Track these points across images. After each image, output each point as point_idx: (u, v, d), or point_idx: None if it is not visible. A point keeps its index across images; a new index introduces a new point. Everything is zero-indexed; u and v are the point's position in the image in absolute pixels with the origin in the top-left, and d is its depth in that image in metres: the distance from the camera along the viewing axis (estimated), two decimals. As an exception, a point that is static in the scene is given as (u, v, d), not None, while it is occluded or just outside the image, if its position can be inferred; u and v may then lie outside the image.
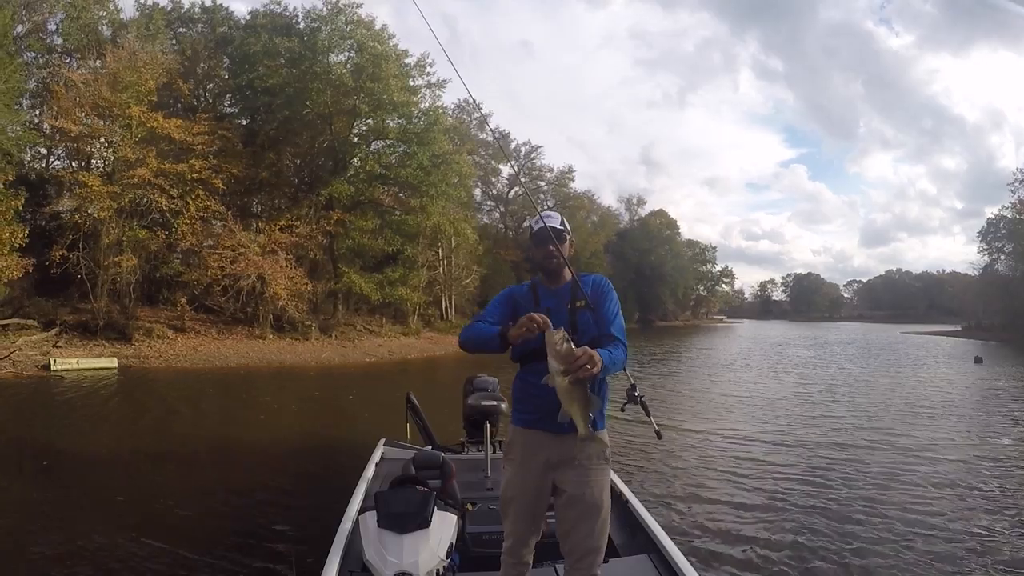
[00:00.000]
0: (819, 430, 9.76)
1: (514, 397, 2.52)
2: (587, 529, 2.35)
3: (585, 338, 2.28)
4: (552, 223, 2.45)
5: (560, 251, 2.44)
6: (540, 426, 2.35)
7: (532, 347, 2.28)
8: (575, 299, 2.43)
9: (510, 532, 2.48)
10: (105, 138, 20.37)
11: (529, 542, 2.48)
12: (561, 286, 2.49)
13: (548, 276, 2.51)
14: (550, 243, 2.43)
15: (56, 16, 20.60)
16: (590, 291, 2.45)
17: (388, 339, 25.77)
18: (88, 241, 18.96)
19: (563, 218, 2.54)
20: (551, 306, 2.37)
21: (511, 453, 2.49)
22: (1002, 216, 49.62)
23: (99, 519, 5.23)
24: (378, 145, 26.99)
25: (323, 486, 5.81)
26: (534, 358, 2.30)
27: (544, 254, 2.46)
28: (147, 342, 18.76)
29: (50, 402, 11.86)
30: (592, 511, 2.35)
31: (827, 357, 26.65)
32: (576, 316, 2.40)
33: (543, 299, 2.45)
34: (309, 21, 24.95)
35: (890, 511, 5.77)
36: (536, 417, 2.36)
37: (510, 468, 2.48)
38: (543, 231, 2.43)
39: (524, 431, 2.44)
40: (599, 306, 2.42)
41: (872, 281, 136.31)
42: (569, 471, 2.36)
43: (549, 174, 48.48)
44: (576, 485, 2.35)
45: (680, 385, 16.27)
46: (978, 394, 15.11)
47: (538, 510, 2.44)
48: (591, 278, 2.51)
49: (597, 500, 2.36)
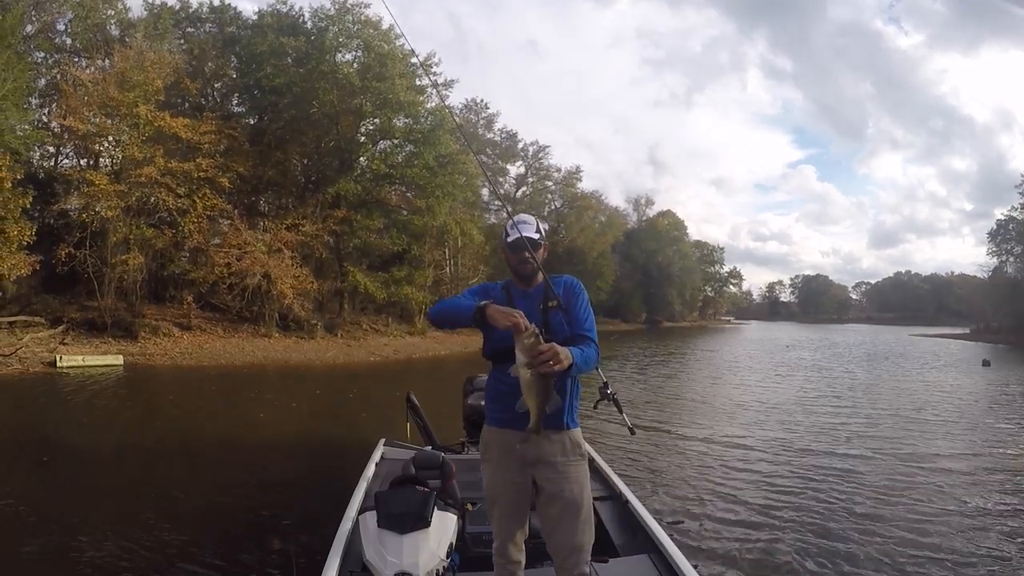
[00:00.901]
0: (821, 435, 9.67)
1: (487, 396, 2.56)
2: (569, 526, 2.38)
3: (557, 337, 2.32)
4: (527, 231, 2.48)
5: (535, 258, 2.48)
6: (513, 425, 2.36)
7: (506, 346, 2.31)
8: (547, 300, 2.48)
9: (497, 531, 2.50)
10: (113, 137, 20.48)
11: (517, 540, 2.49)
12: (533, 287, 2.54)
13: (521, 279, 2.56)
14: (525, 251, 2.47)
15: (65, 16, 20.75)
16: (562, 292, 2.49)
17: (393, 338, 25.76)
18: (95, 239, 19.02)
19: (538, 223, 2.58)
20: (523, 307, 2.37)
21: (487, 453, 2.52)
22: (1011, 218, 49.34)
23: (99, 516, 5.23)
24: (385, 145, 27.06)
25: (323, 486, 5.80)
26: (507, 358, 2.31)
27: (519, 259, 2.51)
28: (153, 340, 18.84)
29: (55, 399, 11.90)
30: (572, 508, 2.38)
31: (833, 360, 26.50)
32: (548, 316, 2.45)
33: (516, 300, 2.49)
34: (316, 21, 25.07)
35: (890, 515, 5.73)
36: (509, 416, 2.35)
37: (488, 468, 2.51)
38: (519, 241, 2.47)
39: (498, 431, 2.48)
40: (571, 307, 2.48)
41: (881, 283, 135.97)
42: (545, 469, 2.39)
43: (557, 174, 48.47)
44: (554, 483, 2.38)
45: (682, 388, 16.21)
46: (985, 399, 14.95)
47: (521, 507, 2.47)
48: (563, 280, 2.55)
49: (576, 497, 2.39)
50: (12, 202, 16.11)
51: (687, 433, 9.51)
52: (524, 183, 46.65)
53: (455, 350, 25.25)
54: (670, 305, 66.58)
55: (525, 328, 2.16)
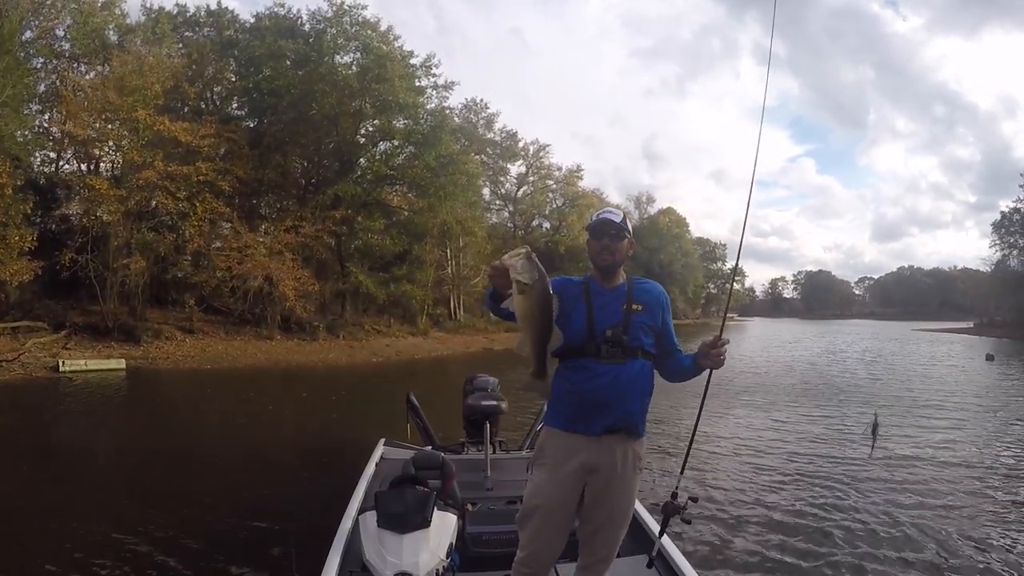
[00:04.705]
0: (822, 433, 9.62)
1: (553, 396, 2.35)
2: (609, 536, 2.32)
3: (635, 342, 2.27)
4: (613, 217, 2.36)
5: (616, 248, 2.34)
6: (575, 428, 2.26)
7: (576, 342, 2.26)
8: (631, 301, 2.33)
9: (526, 543, 2.33)
10: (113, 141, 20.51)
11: (543, 560, 2.34)
12: (615, 286, 2.38)
13: (602, 273, 2.38)
14: (606, 236, 2.33)
15: (64, 22, 20.72)
16: (648, 297, 2.38)
17: (396, 339, 25.76)
18: (97, 244, 19.05)
19: (624, 216, 2.42)
20: (605, 302, 2.32)
21: (542, 458, 2.34)
22: (1016, 209, 49.08)
23: (100, 518, 5.25)
24: (385, 146, 27.06)
25: (323, 486, 5.80)
26: (575, 352, 2.26)
27: (600, 247, 2.34)
28: (156, 343, 18.87)
29: (58, 403, 11.92)
30: (618, 521, 2.31)
31: (834, 357, 26.46)
32: (630, 318, 2.30)
33: (595, 295, 2.34)
34: (314, 23, 25.09)
35: (893, 515, 5.69)
36: (571, 416, 2.27)
37: (540, 473, 2.32)
38: (600, 224, 2.34)
39: (558, 433, 2.31)
40: (657, 317, 2.38)
41: (884, 278, 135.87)
42: (603, 477, 2.26)
43: (558, 173, 48.39)
44: (605, 491, 2.27)
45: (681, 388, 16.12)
46: (988, 393, 14.91)
47: (561, 525, 2.30)
48: (649, 285, 2.44)
49: (625, 510, 2.32)
50: (13, 208, 16.17)
51: (686, 432, 9.45)
52: (525, 182, 46.58)
53: (457, 351, 25.30)
54: (673, 303, 66.13)
55: (501, 262, 2.08)
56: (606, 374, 2.23)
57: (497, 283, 2.13)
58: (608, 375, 2.23)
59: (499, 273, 2.09)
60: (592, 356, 2.26)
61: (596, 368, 2.24)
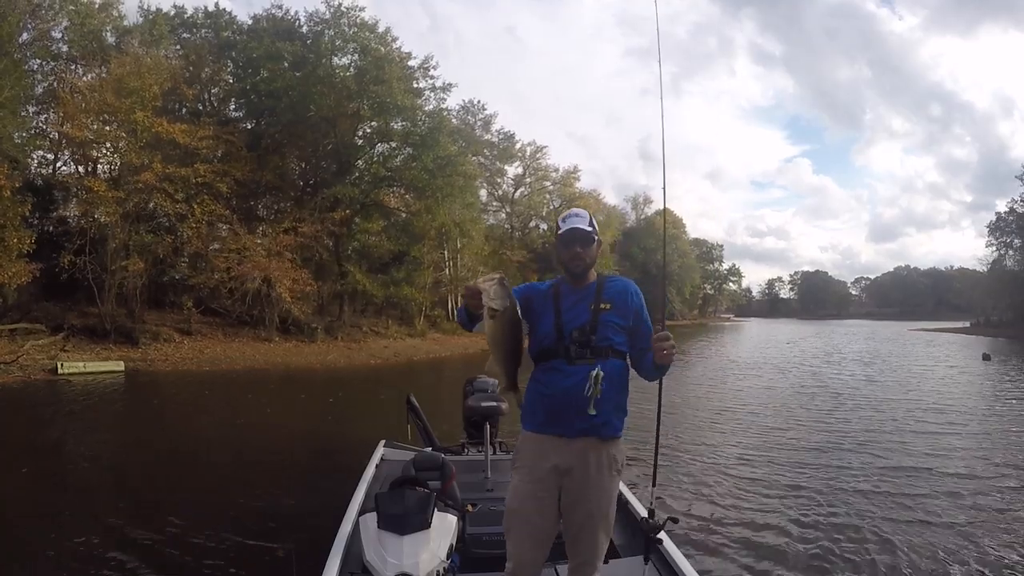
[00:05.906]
0: (821, 434, 9.63)
1: (526, 400, 2.38)
2: (590, 539, 2.32)
3: (604, 342, 2.28)
4: (580, 224, 2.37)
5: (587, 255, 2.38)
6: (549, 430, 2.28)
7: (547, 344, 2.29)
8: (599, 301, 2.34)
9: (512, 553, 2.33)
10: (111, 143, 20.48)
11: (527, 562, 2.31)
12: (585, 286, 2.40)
13: (573, 277, 2.42)
14: (576, 245, 2.37)
15: (61, 23, 20.69)
16: (616, 295, 2.38)
17: (394, 341, 25.74)
18: (95, 246, 19.01)
19: (591, 217, 2.44)
20: (572, 305, 2.34)
21: (519, 460, 2.37)
22: (1012, 210, 49.23)
23: (99, 520, 5.25)
24: (383, 148, 27.04)
25: (323, 487, 5.80)
26: (547, 355, 2.29)
27: (570, 255, 2.38)
28: (154, 345, 18.85)
29: (57, 405, 11.88)
30: (598, 522, 2.31)
31: (832, 358, 26.49)
32: (598, 318, 2.31)
33: (564, 296, 2.38)
34: (312, 25, 25.10)
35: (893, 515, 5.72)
36: (545, 420, 2.29)
37: (516, 476, 2.36)
38: (570, 233, 2.36)
39: (533, 436, 2.34)
40: (627, 314, 2.38)
41: (880, 278, 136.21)
42: (577, 479, 2.26)
43: (555, 174, 48.40)
44: (582, 492, 2.27)
45: (681, 387, 16.18)
46: (985, 393, 14.93)
47: (540, 530, 2.30)
48: (618, 281, 2.46)
49: (604, 511, 2.32)
50: (11, 210, 16.13)
51: (686, 433, 9.50)
52: (522, 183, 46.59)
53: (456, 352, 25.27)
54: (670, 304, 66.50)
55: (475, 284, 2.14)
56: (576, 375, 2.25)
57: (470, 303, 2.19)
58: (578, 376, 2.25)
59: (472, 294, 2.16)
60: (562, 358, 2.29)
61: (566, 369, 2.27)
